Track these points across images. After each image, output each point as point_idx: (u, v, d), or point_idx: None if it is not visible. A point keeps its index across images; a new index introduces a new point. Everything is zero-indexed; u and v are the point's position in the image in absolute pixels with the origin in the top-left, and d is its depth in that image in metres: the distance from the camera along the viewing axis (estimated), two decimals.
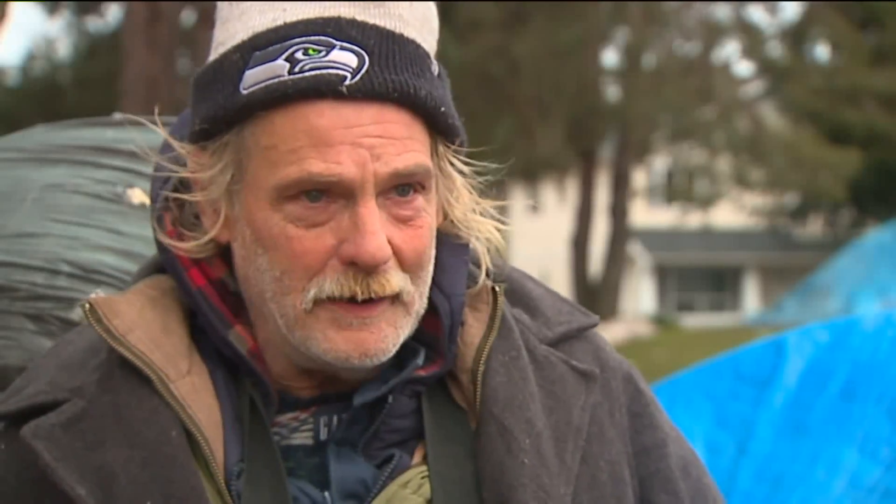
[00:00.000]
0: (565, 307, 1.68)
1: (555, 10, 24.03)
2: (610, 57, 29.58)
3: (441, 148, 1.52)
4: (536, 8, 24.01)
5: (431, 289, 1.54)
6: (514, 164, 1.59)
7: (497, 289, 1.59)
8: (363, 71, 1.43)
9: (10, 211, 2.07)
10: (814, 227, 41.03)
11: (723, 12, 29.53)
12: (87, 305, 1.53)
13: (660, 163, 37.52)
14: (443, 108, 1.49)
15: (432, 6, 1.53)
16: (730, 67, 31.11)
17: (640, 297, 41.73)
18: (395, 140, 1.45)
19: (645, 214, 39.96)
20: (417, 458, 1.55)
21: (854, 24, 30.79)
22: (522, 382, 1.56)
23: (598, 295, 29.17)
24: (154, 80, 16.39)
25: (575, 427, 1.57)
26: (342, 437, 1.53)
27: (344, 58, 1.43)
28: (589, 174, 30.10)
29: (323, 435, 1.53)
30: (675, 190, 36.10)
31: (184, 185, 1.54)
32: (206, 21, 18.91)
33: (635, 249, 39.56)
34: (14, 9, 22.50)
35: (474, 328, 1.58)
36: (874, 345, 3.02)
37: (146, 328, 1.53)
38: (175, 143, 1.52)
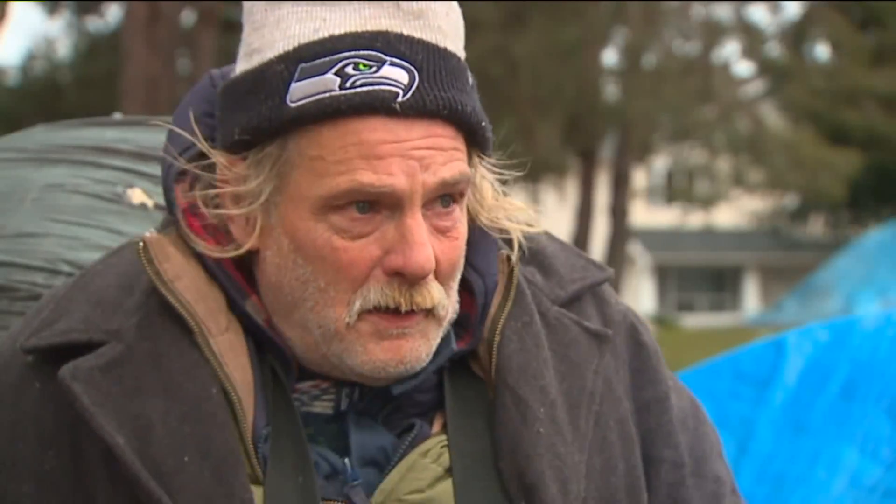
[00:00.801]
0: (579, 262, 1.68)
1: (555, 10, 24.01)
2: (610, 57, 29.54)
3: (475, 158, 1.53)
4: (536, 8, 24.00)
5: (466, 267, 1.55)
6: (514, 165, 1.59)
7: (512, 258, 1.59)
8: (414, 87, 1.44)
9: (10, 211, 2.07)
10: (814, 227, 41.03)
11: (723, 12, 29.52)
12: (141, 244, 1.51)
13: (660, 163, 37.50)
14: (483, 123, 1.50)
15: (459, 13, 1.53)
16: (730, 67, 31.09)
17: (640, 297, 41.72)
18: (443, 151, 1.46)
19: (645, 214, 39.94)
20: (437, 427, 1.56)
21: (854, 24, 30.78)
22: (536, 349, 1.57)
23: None
24: (154, 80, 16.38)
25: (588, 392, 1.58)
26: (363, 409, 1.54)
27: (395, 74, 1.44)
28: (589, 174, 30.08)
29: (344, 405, 1.53)
30: (675, 190, 36.10)
31: (200, 180, 1.53)
32: (206, 21, 18.94)
33: (635, 249, 39.53)
34: (14, 9, 22.50)
35: (493, 298, 1.58)
36: (874, 344, 3.02)
37: (192, 277, 1.52)
38: (208, 150, 1.50)
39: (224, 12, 19.87)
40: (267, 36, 1.48)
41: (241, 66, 1.51)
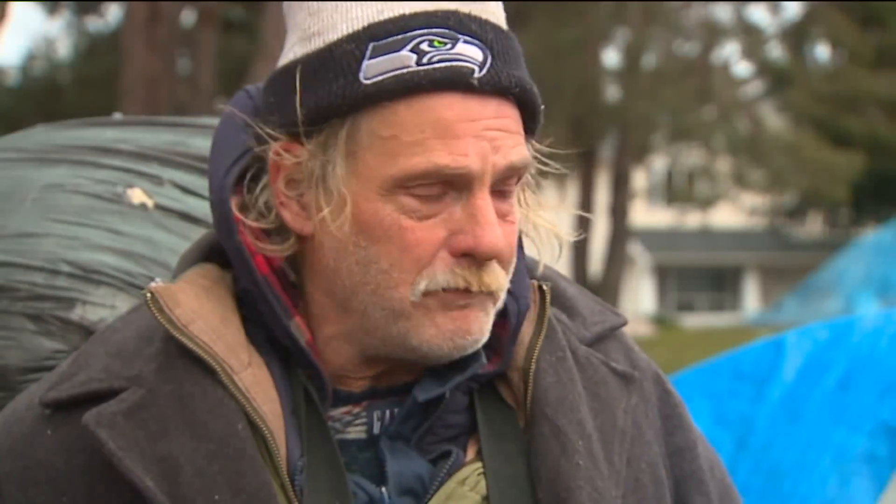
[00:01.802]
0: (597, 307, 1.69)
1: (555, 10, 24.02)
2: (610, 57, 29.57)
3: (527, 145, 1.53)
4: (536, 8, 24.00)
5: None
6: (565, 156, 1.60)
7: (545, 287, 1.59)
8: (488, 65, 1.44)
9: (10, 211, 2.07)
10: (814, 227, 41.04)
11: (723, 13, 29.52)
12: (150, 295, 1.50)
13: (659, 163, 37.51)
14: (542, 107, 1.51)
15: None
16: (729, 68, 31.10)
17: (640, 297, 41.72)
18: (511, 133, 1.46)
19: (645, 214, 39.95)
20: (471, 454, 1.54)
21: (855, 24, 30.77)
22: (571, 384, 1.57)
23: (598, 295, 29.05)
24: (154, 80, 16.38)
25: (620, 429, 1.57)
26: (395, 432, 1.52)
27: (469, 51, 1.44)
28: (589, 174, 30.08)
29: (376, 429, 1.52)
30: (674, 190, 36.10)
31: (252, 177, 1.52)
32: (207, 21, 18.94)
33: (635, 249, 39.53)
34: (14, 9, 22.50)
35: (524, 327, 1.58)
36: (873, 341, 3.02)
37: (207, 318, 1.50)
38: (266, 133, 1.48)
39: (224, 12, 19.87)
40: (326, 19, 1.47)
41: (299, 50, 1.49)
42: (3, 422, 1.56)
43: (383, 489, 1.49)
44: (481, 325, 1.48)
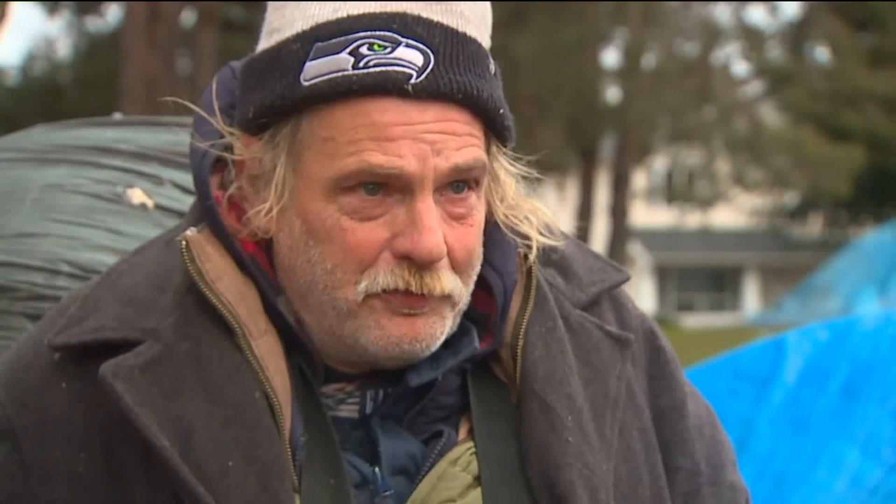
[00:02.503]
0: (598, 263, 1.67)
1: (555, 10, 24.02)
2: (610, 57, 29.62)
3: (493, 148, 1.51)
4: (536, 8, 24.00)
5: (484, 266, 1.53)
6: (538, 163, 1.58)
7: (531, 259, 1.57)
8: (429, 70, 1.42)
9: (10, 211, 2.07)
10: (814, 227, 41.02)
11: (722, 13, 29.52)
12: (184, 243, 1.48)
13: (660, 163, 37.50)
14: (502, 110, 1.49)
15: (488, 4, 1.52)
16: (729, 68, 31.10)
17: (640, 297, 41.70)
18: (456, 136, 1.44)
19: (645, 214, 39.94)
20: (463, 433, 1.54)
21: (854, 25, 30.78)
22: (561, 356, 1.55)
23: None
24: (154, 80, 16.38)
25: (612, 399, 1.56)
26: (387, 412, 1.52)
27: (410, 55, 1.42)
28: (589, 174, 30.08)
29: (369, 408, 1.51)
30: (674, 190, 36.10)
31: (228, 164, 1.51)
32: (207, 21, 18.93)
33: (635, 249, 39.52)
34: (14, 9, 22.49)
35: (512, 301, 1.56)
36: (874, 343, 3.02)
37: (231, 277, 1.49)
38: (224, 129, 1.49)
39: (224, 12, 19.88)
40: (287, 15, 1.47)
41: (261, 45, 1.49)
42: (10, 367, 1.53)
43: (376, 469, 1.49)
44: (432, 332, 1.47)
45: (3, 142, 2.28)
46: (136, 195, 2.10)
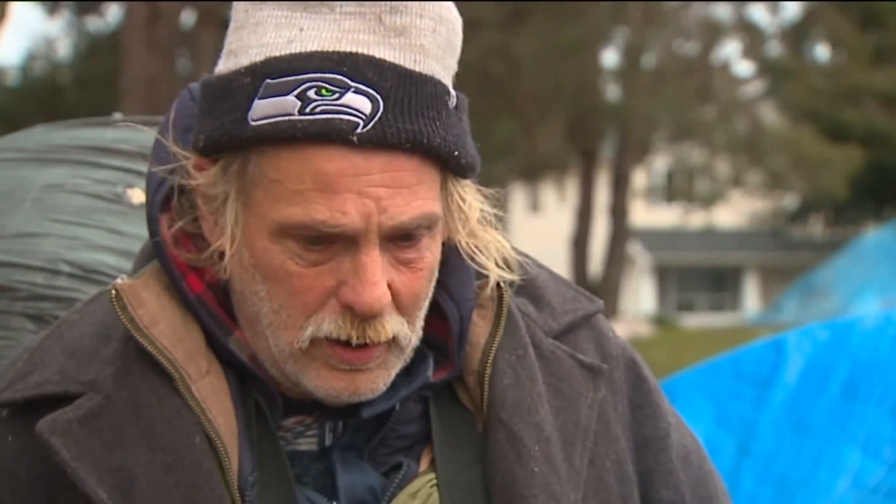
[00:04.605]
0: (570, 293, 1.64)
1: (555, 9, 24.03)
2: (610, 57, 29.63)
3: (451, 184, 1.46)
4: (536, 8, 24.01)
5: (439, 292, 1.50)
6: (514, 164, 1.55)
7: (503, 286, 1.54)
8: (376, 118, 1.37)
9: (10, 211, 2.07)
10: (814, 227, 41.05)
11: (723, 12, 29.53)
12: (114, 292, 1.47)
13: (660, 163, 37.52)
14: (456, 152, 1.42)
15: (458, 23, 1.46)
16: (729, 67, 31.11)
17: (640, 297, 41.72)
18: (403, 189, 1.39)
19: (645, 214, 39.96)
20: (424, 464, 1.51)
21: (854, 23, 30.79)
22: (530, 384, 1.52)
23: (598, 295, 28.75)
24: (154, 80, 16.39)
25: (583, 428, 1.53)
26: (347, 443, 1.50)
27: (357, 102, 1.37)
28: (589, 174, 30.10)
29: (328, 441, 1.49)
30: (675, 190, 36.12)
31: (183, 190, 1.49)
32: (206, 21, 18.94)
33: (635, 249, 39.54)
34: (14, 9, 22.49)
35: (479, 327, 1.54)
36: (874, 344, 3.02)
37: (169, 320, 1.47)
38: (178, 152, 1.47)
39: (224, 12, 19.83)
40: (244, 39, 1.43)
41: (220, 66, 1.46)
42: None
43: (334, 503, 1.47)
44: (374, 386, 1.44)
45: (3, 142, 2.28)
46: (136, 195, 2.10)
